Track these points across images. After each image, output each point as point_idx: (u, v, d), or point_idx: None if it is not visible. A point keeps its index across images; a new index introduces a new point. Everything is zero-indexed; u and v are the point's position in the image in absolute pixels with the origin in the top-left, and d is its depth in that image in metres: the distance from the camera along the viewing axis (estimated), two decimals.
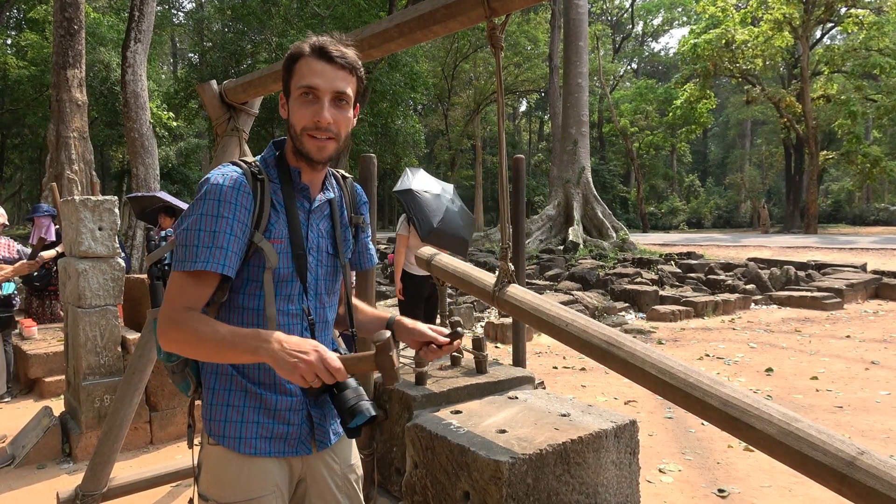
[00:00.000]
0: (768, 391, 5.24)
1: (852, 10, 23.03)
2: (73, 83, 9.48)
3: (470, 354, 2.52)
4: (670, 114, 29.87)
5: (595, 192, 19.40)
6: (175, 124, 20.05)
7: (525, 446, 1.77)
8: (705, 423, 1.60)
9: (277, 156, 1.45)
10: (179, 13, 35.48)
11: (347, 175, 1.62)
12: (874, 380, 5.53)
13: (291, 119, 1.37)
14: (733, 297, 9.73)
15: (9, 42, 23.02)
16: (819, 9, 23.44)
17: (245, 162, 1.40)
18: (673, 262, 13.65)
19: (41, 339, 5.60)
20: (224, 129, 2.81)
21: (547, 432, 1.88)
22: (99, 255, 4.05)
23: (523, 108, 50.55)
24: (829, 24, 26.71)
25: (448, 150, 39.20)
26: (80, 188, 9.38)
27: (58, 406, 4.58)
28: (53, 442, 3.94)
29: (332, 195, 1.50)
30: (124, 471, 3.07)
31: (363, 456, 2.35)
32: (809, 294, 9.77)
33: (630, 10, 44.43)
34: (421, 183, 4.83)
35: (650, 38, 50.09)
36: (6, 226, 5.28)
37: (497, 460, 1.70)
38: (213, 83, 2.83)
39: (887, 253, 15.20)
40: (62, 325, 4.70)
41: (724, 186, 43.41)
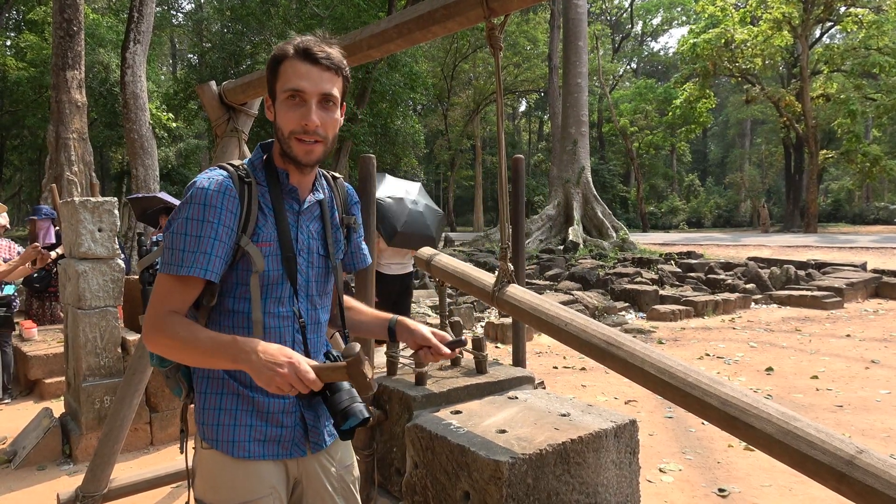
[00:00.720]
0: (768, 390, 5.25)
1: (851, 9, 23.02)
2: (72, 84, 9.49)
3: (470, 354, 2.52)
4: (670, 113, 29.90)
5: (595, 192, 19.42)
6: (175, 125, 20.07)
7: (525, 446, 1.77)
8: (705, 422, 1.60)
9: (265, 158, 1.44)
10: (179, 14, 35.47)
11: (338, 175, 1.61)
12: (874, 379, 5.53)
13: (278, 122, 1.36)
14: (733, 296, 9.73)
15: (8, 43, 23.03)
16: (818, 8, 23.44)
17: (232, 165, 1.40)
18: (673, 262, 13.63)
19: (41, 341, 5.60)
20: (223, 130, 2.81)
21: (547, 432, 1.88)
22: (99, 256, 4.05)
23: (523, 107, 50.57)
24: (829, 23, 26.71)
25: (448, 150, 39.24)
26: (79, 189, 9.38)
27: (58, 407, 4.58)
28: (54, 443, 3.94)
29: (321, 196, 1.49)
30: (125, 472, 3.07)
31: (363, 456, 2.35)
32: (809, 293, 9.76)
33: (629, 9, 44.40)
34: (384, 190, 5.00)
35: (649, 38, 50.10)
36: (7, 228, 5.28)
37: (497, 460, 1.70)
38: (213, 84, 2.83)
39: (887, 252, 15.21)
40: (62, 326, 4.70)
41: (724, 186, 43.37)
